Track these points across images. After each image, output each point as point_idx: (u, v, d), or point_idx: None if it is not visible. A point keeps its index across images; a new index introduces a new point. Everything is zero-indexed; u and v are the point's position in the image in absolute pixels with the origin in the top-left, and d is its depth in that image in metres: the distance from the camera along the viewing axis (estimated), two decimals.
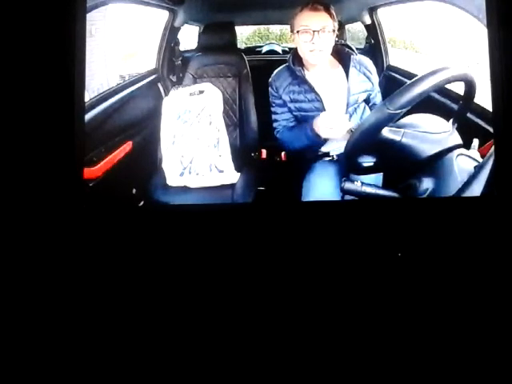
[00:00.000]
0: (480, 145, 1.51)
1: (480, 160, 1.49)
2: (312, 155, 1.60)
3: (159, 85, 1.65)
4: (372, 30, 1.66)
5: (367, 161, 1.57)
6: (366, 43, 1.68)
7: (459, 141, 1.51)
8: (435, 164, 1.48)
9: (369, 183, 1.52)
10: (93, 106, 1.57)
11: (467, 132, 1.51)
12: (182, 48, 1.66)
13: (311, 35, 1.53)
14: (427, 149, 1.48)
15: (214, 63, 1.64)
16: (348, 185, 1.52)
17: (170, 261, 1.51)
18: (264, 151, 1.65)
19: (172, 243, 1.52)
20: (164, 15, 1.64)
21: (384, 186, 1.55)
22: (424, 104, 1.43)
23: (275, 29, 1.66)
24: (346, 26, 1.64)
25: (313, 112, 1.57)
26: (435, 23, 1.58)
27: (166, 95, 1.63)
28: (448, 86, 1.49)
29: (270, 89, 1.60)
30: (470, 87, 1.48)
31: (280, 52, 1.66)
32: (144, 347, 1.46)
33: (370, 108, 1.59)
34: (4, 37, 1.54)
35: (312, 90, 1.57)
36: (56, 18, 1.54)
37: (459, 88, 1.50)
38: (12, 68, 1.54)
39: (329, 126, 1.53)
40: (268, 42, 1.69)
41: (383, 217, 1.53)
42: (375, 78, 1.59)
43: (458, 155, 1.48)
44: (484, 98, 1.52)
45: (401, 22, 1.61)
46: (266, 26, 1.68)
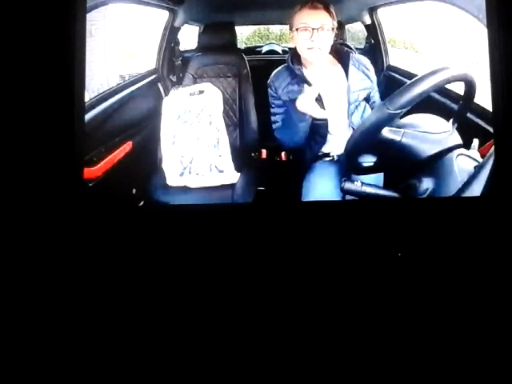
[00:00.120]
0: (480, 145, 1.51)
1: (480, 160, 1.49)
2: (312, 156, 1.60)
3: (159, 85, 1.65)
4: (372, 30, 1.66)
5: (367, 161, 1.57)
6: (366, 43, 1.68)
7: (459, 141, 1.51)
8: (435, 164, 1.48)
9: (369, 183, 1.52)
10: (93, 106, 1.57)
11: (467, 132, 1.51)
12: (182, 48, 1.66)
13: (310, 33, 1.53)
14: (427, 149, 1.48)
15: (214, 63, 1.64)
16: (348, 185, 1.53)
17: (170, 261, 1.51)
18: (264, 151, 1.65)
19: (172, 243, 1.52)
20: (164, 15, 1.64)
21: (384, 186, 1.55)
22: (424, 104, 1.44)
23: (275, 29, 1.66)
24: (346, 26, 1.64)
25: None
26: (435, 23, 1.58)
27: (166, 95, 1.63)
28: (448, 86, 1.49)
29: (269, 90, 1.60)
30: (470, 87, 1.48)
31: (280, 52, 1.66)
32: (144, 347, 1.46)
33: (371, 106, 1.59)
34: (4, 37, 1.54)
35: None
36: (56, 18, 1.54)
37: (459, 88, 1.50)
38: (12, 68, 1.54)
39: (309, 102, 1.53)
40: (268, 42, 1.69)
41: (383, 217, 1.53)
42: (373, 77, 1.59)
43: (458, 155, 1.48)
44: (484, 98, 1.52)
45: (401, 22, 1.61)
46: (266, 26, 1.68)
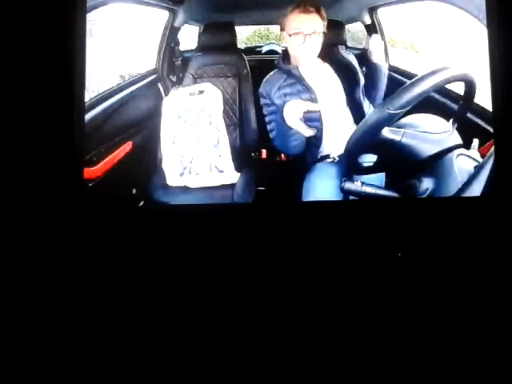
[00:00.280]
0: (480, 145, 1.51)
1: (480, 160, 1.49)
2: (312, 159, 1.60)
3: (159, 85, 1.65)
4: (372, 30, 1.66)
5: (367, 161, 1.57)
6: None
7: (459, 141, 1.51)
8: (435, 164, 1.48)
9: (369, 183, 1.52)
10: (93, 106, 1.57)
11: (467, 132, 1.51)
12: (182, 48, 1.66)
13: (303, 38, 1.53)
14: (427, 149, 1.48)
15: (214, 63, 1.64)
16: (348, 185, 1.52)
17: (170, 261, 1.51)
18: (264, 151, 1.65)
19: (172, 243, 1.52)
20: (164, 15, 1.64)
21: (384, 186, 1.55)
22: (424, 104, 1.44)
23: (275, 29, 1.66)
24: (346, 26, 1.64)
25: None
26: (435, 23, 1.58)
27: (166, 95, 1.63)
28: (448, 86, 1.49)
29: (261, 99, 1.58)
30: (470, 87, 1.48)
31: (280, 52, 1.66)
32: (144, 347, 1.46)
33: (369, 101, 1.59)
34: (4, 37, 1.54)
35: (306, 88, 1.56)
36: (56, 18, 1.54)
37: (459, 88, 1.50)
38: (12, 68, 1.54)
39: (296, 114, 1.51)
40: (268, 42, 1.69)
41: (383, 217, 1.53)
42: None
43: (458, 155, 1.48)
44: (484, 98, 1.52)
45: (401, 22, 1.61)
46: (266, 26, 1.68)
